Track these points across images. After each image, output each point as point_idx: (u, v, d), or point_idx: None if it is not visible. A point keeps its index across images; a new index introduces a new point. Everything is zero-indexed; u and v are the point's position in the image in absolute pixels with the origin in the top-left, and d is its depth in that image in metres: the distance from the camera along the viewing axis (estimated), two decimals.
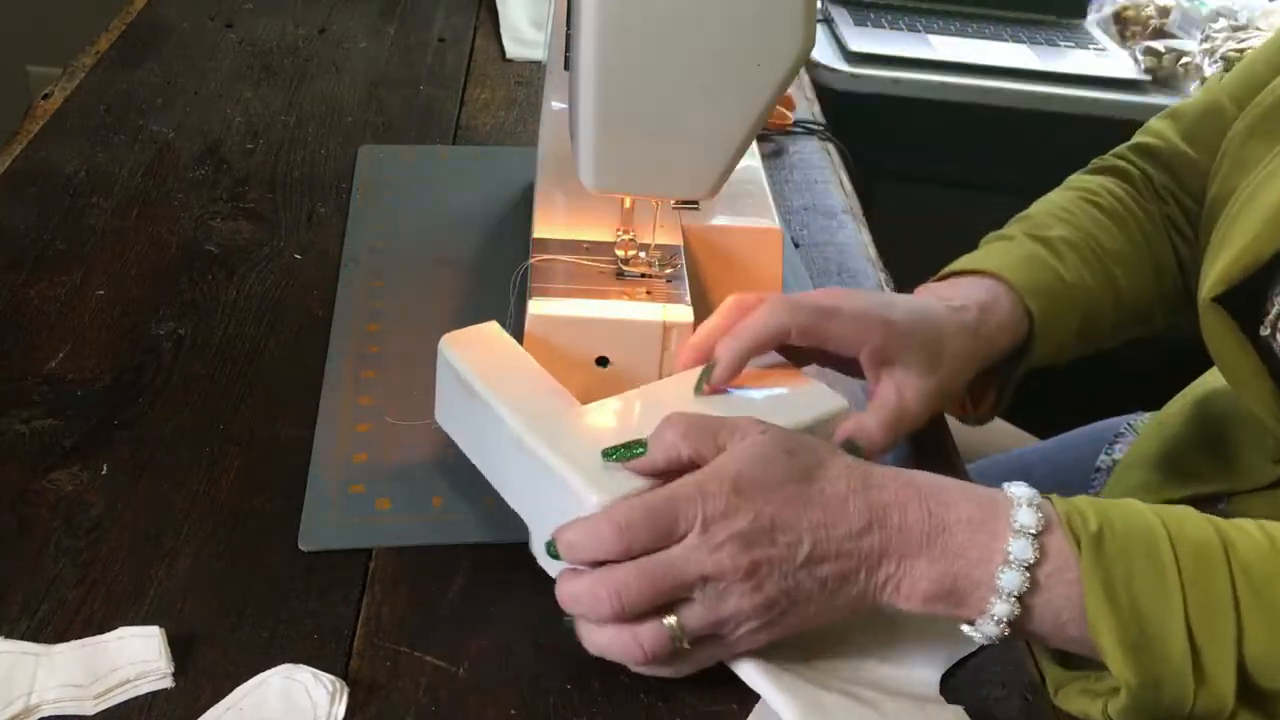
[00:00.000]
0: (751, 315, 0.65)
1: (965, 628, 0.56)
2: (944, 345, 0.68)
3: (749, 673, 0.57)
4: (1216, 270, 0.69)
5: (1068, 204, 0.83)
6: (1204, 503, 0.71)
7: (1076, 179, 0.87)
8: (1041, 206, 0.83)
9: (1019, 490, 0.56)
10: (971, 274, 0.75)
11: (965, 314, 0.71)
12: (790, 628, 0.56)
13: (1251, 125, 0.75)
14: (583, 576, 0.54)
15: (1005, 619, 0.54)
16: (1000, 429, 1.16)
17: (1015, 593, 0.54)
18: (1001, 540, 0.54)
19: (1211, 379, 0.90)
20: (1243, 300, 0.70)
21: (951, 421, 0.80)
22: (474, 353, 0.65)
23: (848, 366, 0.70)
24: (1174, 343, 0.87)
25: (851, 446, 0.63)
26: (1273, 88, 0.74)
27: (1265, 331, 0.70)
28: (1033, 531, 0.54)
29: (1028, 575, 0.53)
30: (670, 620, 0.54)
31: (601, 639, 0.55)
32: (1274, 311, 0.69)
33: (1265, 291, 0.70)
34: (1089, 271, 0.78)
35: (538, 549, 0.60)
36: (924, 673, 0.60)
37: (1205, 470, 0.81)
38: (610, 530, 0.53)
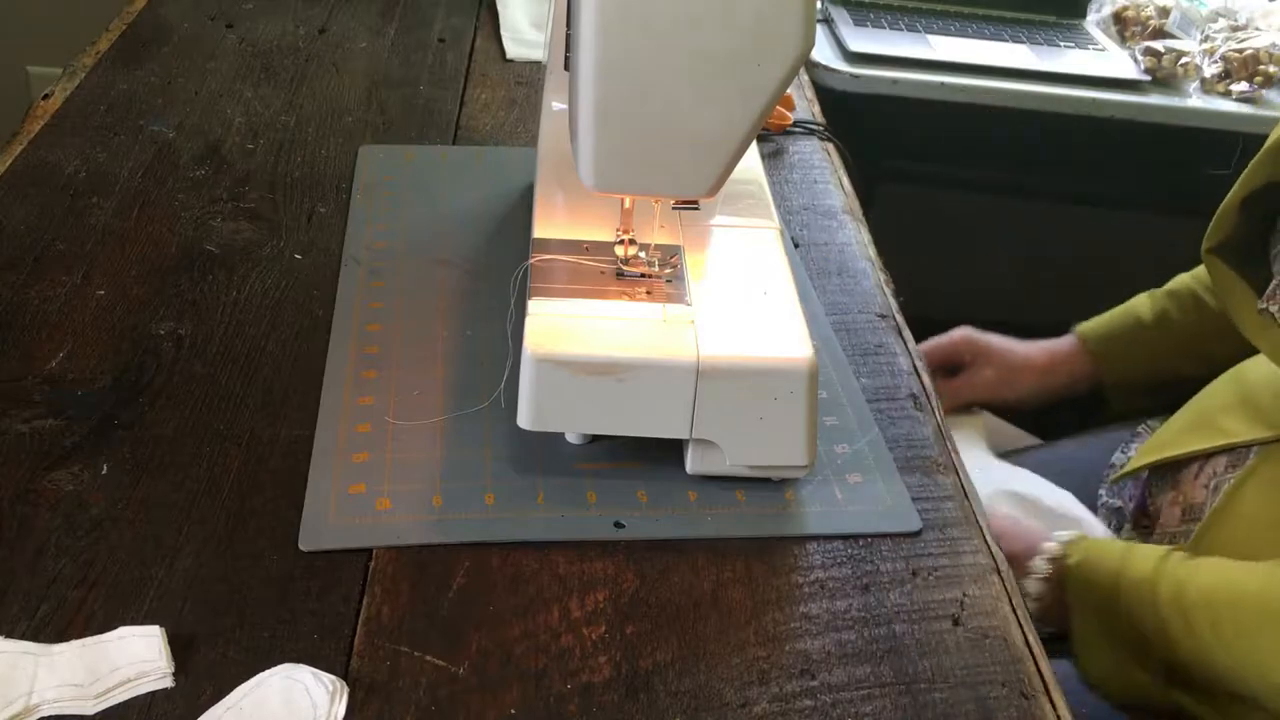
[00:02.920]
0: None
1: None
2: (1017, 376, 1.13)
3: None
4: (1213, 221, 0.83)
5: None
6: (1234, 452, 0.90)
7: None
8: None
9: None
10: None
11: (1040, 358, 1.15)
12: None
13: None
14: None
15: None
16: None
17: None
18: None
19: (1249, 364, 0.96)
20: (1244, 252, 0.85)
21: (950, 421, 0.80)
22: None
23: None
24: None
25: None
26: None
27: (1261, 305, 0.80)
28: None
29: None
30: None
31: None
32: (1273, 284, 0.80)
33: (1264, 246, 0.81)
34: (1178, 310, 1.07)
35: None
36: None
37: (1233, 425, 0.90)
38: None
